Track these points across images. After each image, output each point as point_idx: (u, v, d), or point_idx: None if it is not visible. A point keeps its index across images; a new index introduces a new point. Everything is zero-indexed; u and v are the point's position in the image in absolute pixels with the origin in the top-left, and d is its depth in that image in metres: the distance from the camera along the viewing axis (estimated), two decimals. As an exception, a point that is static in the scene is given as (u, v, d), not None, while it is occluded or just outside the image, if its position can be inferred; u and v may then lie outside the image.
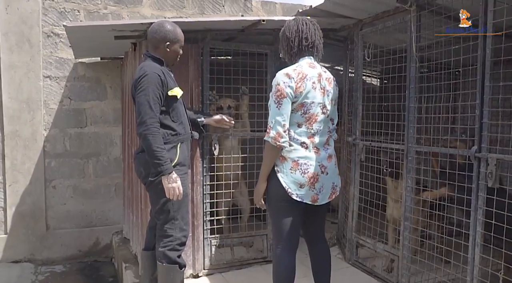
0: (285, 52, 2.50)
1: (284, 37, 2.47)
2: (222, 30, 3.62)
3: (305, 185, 2.36)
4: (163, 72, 2.65)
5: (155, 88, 2.55)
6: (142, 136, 2.53)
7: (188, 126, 2.85)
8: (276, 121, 2.30)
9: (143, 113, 2.51)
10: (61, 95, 4.80)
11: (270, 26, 3.63)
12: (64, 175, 4.87)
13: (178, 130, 2.71)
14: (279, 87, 2.32)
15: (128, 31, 3.33)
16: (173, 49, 2.73)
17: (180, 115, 2.76)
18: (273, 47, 3.79)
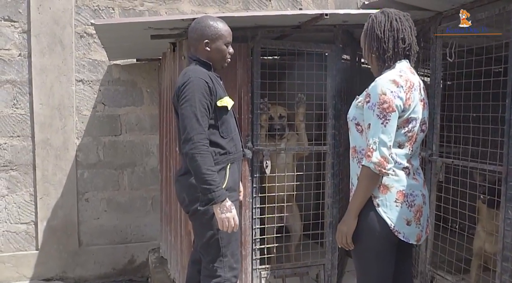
0: (375, 55, 1.99)
1: (374, 36, 1.97)
2: (275, 27, 3.10)
3: (412, 221, 1.94)
4: (211, 78, 2.24)
5: (202, 98, 2.14)
6: (189, 156, 2.10)
7: (239, 143, 2.40)
8: (380, 141, 1.82)
9: (189, 128, 2.10)
10: (94, 100, 4.44)
11: (332, 22, 3.08)
12: (97, 187, 4.52)
13: (228, 148, 2.28)
14: (385, 97, 1.82)
15: (167, 29, 2.86)
16: (216, 48, 2.29)
17: (231, 129, 2.31)
18: (334, 46, 3.24)
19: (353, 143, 2.02)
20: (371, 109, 1.85)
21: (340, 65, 3.27)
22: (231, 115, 2.34)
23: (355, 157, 2.00)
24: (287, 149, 3.19)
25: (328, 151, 3.29)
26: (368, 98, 1.89)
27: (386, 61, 1.95)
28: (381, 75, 1.95)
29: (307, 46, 3.19)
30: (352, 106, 2.03)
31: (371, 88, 1.89)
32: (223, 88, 2.33)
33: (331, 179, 3.31)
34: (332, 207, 3.33)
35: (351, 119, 2.01)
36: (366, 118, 1.89)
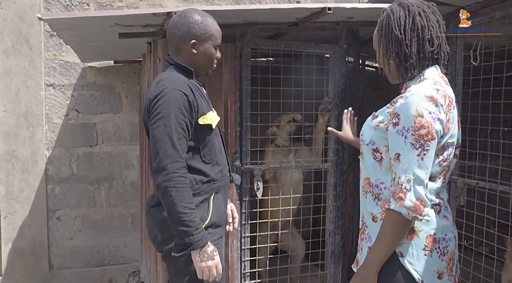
0: (394, 62, 1.52)
1: (391, 37, 1.50)
2: (268, 24, 2.64)
3: (444, 273, 1.51)
4: (192, 88, 1.77)
5: (180, 115, 1.69)
6: (161, 190, 1.67)
7: (226, 167, 1.97)
8: (416, 179, 1.39)
9: (162, 155, 1.67)
10: (66, 107, 3.97)
11: (335, 18, 2.62)
12: (70, 204, 4.05)
13: (212, 175, 1.84)
14: (423, 121, 1.38)
15: (139, 26, 2.39)
16: (204, 51, 1.82)
17: (216, 152, 1.88)
18: (337, 47, 2.79)
19: (367, 174, 1.57)
20: (402, 134, 1.41)
21: (344, 68, 2.81)
22: (216, 133, 1.91)
23: (369, 192, 1.56)
24: (283, 168, 2.73)
25: (329, 169, 2.83)
26: (396, 119, 1.43)
27: (409, 69, 1.50)
28: (408, 87, 1.50)
29: (306, 46, 2.73)
30: (367, 125, 1.58)
31: (400, 106, 1.43)
32: (207, 100, 1.89)
33: (333, 201, 2.85)
34: (334, 233, 2.87)
35: (367, 142, 1.55)
36: (393, 145, 1.44)
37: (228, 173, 1.98)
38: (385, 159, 1.49)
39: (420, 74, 1.51)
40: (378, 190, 1.52)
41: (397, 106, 1.44)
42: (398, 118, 1.42)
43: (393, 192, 1.40)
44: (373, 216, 1.53)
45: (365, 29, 3.06)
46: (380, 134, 1.50)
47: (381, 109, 1.56)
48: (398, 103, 1.45)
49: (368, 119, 1.61)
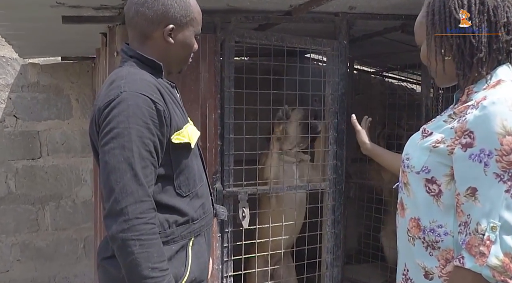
0: (452, 56, 1.13)
1: (451, 23, 1.12)
2: (255, 12, 2.14)
3: None
4: (162, 92, 1.26)
5: (145, 131, 1.18)
6: (117, 243, 1.15)
7: (209, 199, 1.45)
8: (505, 226, 0.99)
9: (119, 192, 1.14)
10: (2, 112, 3.35)
11: (335, 8, 2.17)
12: (6, 228, 3.41)
13: (190, 213, 1.32)
14: (510, 140, 0.99)
15: (90, 8, 1.82)
16: (183, 40, 1.33)
17: (195, 180, 1.35)
18: (336, 43, 2.32)
19: (415, 213, 1.16)
20: (479, 160, 1.01)
21: (344, 69, 2.35)
22: (196, 154, 1.40)
23: (419, 238, 1.15)
24: (272, 190, 2.22)
25: (327, 190, 2.35)
26: (468, 138, 1.03)
27: (476, 67, 1.11)
28: (473, 92, 1.11)
29: (301, 41, 2.24)
30: (415, 145, 1.18)
31: (475, 119, 1.03)
32: (182, 108, 1.37)
33: (332, 228, 2.37)
34: (332, 266, 2.40)
35: (417, 170, 1.14)
36: (465, 175, 1.04)
37: (211, 207, 1.47)
38: (445, 193, 1.09)
39: (490, 75, 1.10)
40: (434, 236, 1.11)
41: (469, 120, 1.03)
42: (471, 137, 1.02)
43: (467, 243, 1.01)
44: (426, 272, 1.14)
45: (360, 24, 2.63)
46: (438, 158, 1.10)
47: (435, 122, 1.17)
48: (469, 115, 1.03)
49: (415, 137, 1.21)
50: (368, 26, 2.73)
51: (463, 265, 1.00)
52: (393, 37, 2.98)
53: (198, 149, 1.42)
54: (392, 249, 3.35)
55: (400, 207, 1.22)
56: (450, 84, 1.21)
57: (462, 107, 1.08)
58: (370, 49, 3.41)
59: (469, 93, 1.11)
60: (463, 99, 1.12)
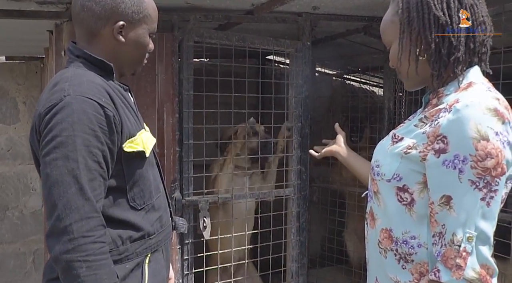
0: (428, 55, 1.06)
1: (430, 20, 1.04)
2: (216, 11, 2.03)
3: None
4: (112, 96, 1.14)
5: (92, 140, 1.06)
6: (61, 265, 1.02)
7: (167, 211, 1.34)
8: (481, 235, 0.95)
9: (62, 208, 1.01)
10: None
11: (298, 8, 2.10)
12: None
13: (145, 227, 1.21)
14: (489, 146, 0.93)
15: (33, 1, 1.65)
16: (136, 39, 1.21)
17: (151, 191, 1.24)
18: (300, 44, 2.25)
19: (386, 223, 1.09)
20: (453, 167, 0.95)
21: (308, 71, 2.28)
22: (151, 163, 1.28)
23: (391, 250, 1.07)
24: (235, 197, 2.11)
25: (291, 196, 2.27)
26: (441, 143, 0.97)
27: (452, 67, 1.04)
28: (444, 95, 1.05)
29: (263, 42, 2.16)
30: (385, 152, 1.10)
31: (448, 124, 0.96)
32: (136, 113, 1.26)
33: (296, 235, 2.29)
34: (297, 274, 2.32)
35: (388, 177, 1.06)
36: (438, 183, 0.98)
37: (170, 219, 1.36)
38: (418, 202, 1.02)
39: (462, 76, 1.04)
40: (407, 248, 1.04)
41: (442, 124, 0.96)
42: (444, 143, 0.95)
43: (443, 255, 0.95)
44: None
45: (323, 25, 2.59)
46: (410, 165, 1.02)
47: (405, 126, 1.11)
48: (442, 119, 0.97)
49: (384, 142, 1.14)
50: (331, 27, 2.68)
51: (439, 279, 0.94)
52: (355, 39, 2.95)
53: (154, 157, 1.31)
54: (355, 252, 3.34)
55: (370, 217, 1.14)
56: (420, 87, 1.15)
57: (434, 111, 1.02)
58: (332, 51, 3.38)
59: (440, 96, 1.05)
60: (434, 102, 1.06)
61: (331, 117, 4.15)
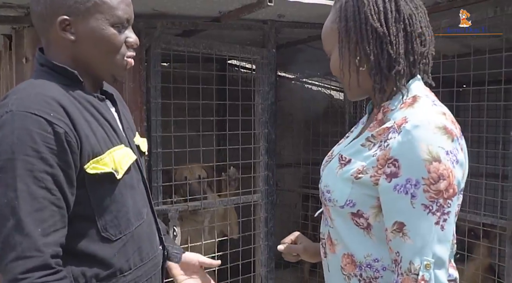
0: (368, 67, 0.99)
1: (367, 31, 0.98)
2: (182, 18, 2.02)
3: None
4: (68, 109, 0.96)
5: (36, 164, 0.90)
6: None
7: (152, 240, 1.15)
8: (438, 261, 0.90)
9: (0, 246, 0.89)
10: None
11: (264, 16, 2.13)
12: None
13: (117, 263, 1.03)
14: (441, 167, 0.89)
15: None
16: (89, 34, 1.01)
17: (129, 219, 1.06)
18: (265, 51, 2.28)
19: (347, 248, 1.02)
20: (405, 192, 0.90)
21: (273, 77, 2.31)
22: (131, 186, 1.08)
23: (354, 276, 1.01)
24: (204, 205, 2.10)
25: (259, 202, 2.29)
26: (392, 166, 0.92)
27: (395, 80, 0.98)
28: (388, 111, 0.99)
29: (230, 49, 2.16)
30: (334, 176, 1.03)
31: (399, 146, 0.91)
32: (113, 126, 1.07)
33: (265, 240, 2.31)
34: (266, 279, 2.34)
35: (340, 204, 1.00)
36: (391, 209, 0.93)
37: (160, 248, 1.18)
38: (374, 226, 0.98)
39: (404, 90, 0.99)
40: (372, 271, 0.99)
41: (392, 147, 0.92)
42: (396, 166, 0.91)
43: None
44: None
45: (286, 32, 2.63)
46: (363, 190, 0.97)
47: (351, 146, 1.04)
48: (391, 140, 0.92)
49: (332, 165, 1.05)
50: (293, 34, 2.73)
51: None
52: (315, 45, 3.03)
53: (141, 176, 1.14)
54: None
55: (328, 241, 1.07)
56: (363, 97, 1.11)
57: (381, 130, 0.97)
58: (293, 56, 3.44)
59: (385, 110, 1.00)
60: (379, 118, 1.01)
61: (292, 120, 4.24)
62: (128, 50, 1.06)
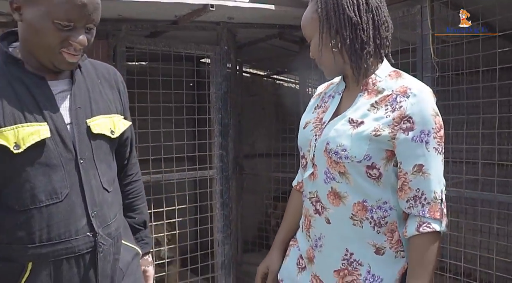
0: (347, 50, 1.21)
1: (344, 20, 1.20)
2: (144, 21, 2.42)
3: None
4: None
5: None
6: None
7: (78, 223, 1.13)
8: (443, 188, 1.18)
9: None
10: None
11: (216, 18, 2.52)
12: None
13: (18, 234, 1.09)
14: (440, 120, 1.18)
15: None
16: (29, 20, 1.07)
17: (35, 195, 1.08)
18: (218, 48, 2.68)
19: (359, 197, 1.19)
20: (421, 140, 1.14)
21: (225, 71, 2.71)
22: (44, 163, 1.08)
23: (366, 219, 1.19)
24: (164, 178, 2.50)
25: (215, 176, 2.70)
26: (408, 123, 1.14)
27: (366, 59, 1.20)
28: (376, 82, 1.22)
29: (186, 47, 2.56)
30: (347, 136, 1.18)
31: (412, 106, 1.14)
32: (39, 103, 1.09)
33: (221, 210, 2.72)
34: (223, 243, 2.74)
35: (359, 159, 1.16)
36: (410, 156, 1.15)
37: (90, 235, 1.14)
38: (384, 174, 1.17)
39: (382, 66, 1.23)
40: (382, 212, 1.19)
41: (406, 107, 1.13)
42: (410, 122, 1.13)
43: (429, 211, 1.13)
44: (377, 248, 1.19)
45: (243, 32, 3.03)
46: (379, 145, 1.15)
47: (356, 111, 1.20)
48: (404, 103, 1.14)
49: (340, 128, 1.19)
50: (251, 33, 3.12)
51: (435, 229, 1.11)
52: (275, 43, 3.41)
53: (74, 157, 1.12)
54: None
55: (330, 197, 1.20)
56: (337, 75, 1.28)
57: (383, 97, 1.17)
58: (257, 53, 3.83)
59: (373, 82, 1.20)
60: (370, 88, 1.20)
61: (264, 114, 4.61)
62: (67, 47, 1.08)
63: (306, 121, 1.31)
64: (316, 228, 1.24)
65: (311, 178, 1.24)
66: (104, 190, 1.18)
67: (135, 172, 1.44)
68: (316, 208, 1.23)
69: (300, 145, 1.30)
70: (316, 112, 1.30)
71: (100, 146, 1.18)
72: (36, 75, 1.10)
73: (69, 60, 1.09)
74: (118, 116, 1.24)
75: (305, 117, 1.33)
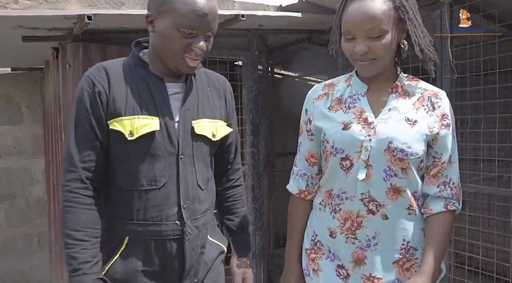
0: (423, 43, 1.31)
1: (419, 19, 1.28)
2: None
3: None
4: (110, 75, 1.25)
5: (82, 109, 1.25)
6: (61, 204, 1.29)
7: (170, 211, 1.27)
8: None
9: (64, 159, 1.28)
10: (-44, 120, 3.57)
11: (247, 25, 2.73)
12: (-37, 227, 3.62)
13: (122, 210, 1.27)
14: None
15: (44, 29, 2.26)
16: (160, 31, 1.23)
17: (138, 179, 1.25)
18: (249, 54, 2.88)
19: (413, 189, 1.31)
20: (453, 135, 1.33)
21: (256, 74, 2.91)
22: (150, 154, 1.24)
23: (416, 207, 1.32)
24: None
25: (247, 172, 2.90)
26: (446, 120, 1.30)
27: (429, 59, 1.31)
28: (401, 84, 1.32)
29: (220, 53, 2.78)
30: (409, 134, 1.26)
31: (445, 106, 1.31)
32: (157, 101, 1.26)
33: (252, 203, 2.92)
34: (254, 235, 2.94)
35: (419, 155, 1.26)
36: (447, 148, 1.30)
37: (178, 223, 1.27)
38: (423, 167, 1.34)
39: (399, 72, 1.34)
40: (421, 199, 1.34)
41: (444, 107, 1.30)
42: (447, 119, 1.30)
43: (455, 194, 1.32)
44: (423, 231, 1.34)
45: (273, 37, 3.21)
46: (427, 140, 1.29)
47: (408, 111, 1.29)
48: (440, 103, 1.30)
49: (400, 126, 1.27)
50: (281, 38, 3.30)
51: (458, 208, 1.31)
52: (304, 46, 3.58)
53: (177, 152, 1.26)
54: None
55: (391, 192, 1.26)
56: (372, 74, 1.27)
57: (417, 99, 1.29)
58: (288, 56, 4.00)
59: (401, 85, 1.30)
60: (400, 90, 1.30)
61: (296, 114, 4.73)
62: (189, 53, 1.22)
63: (343, 121, 1.29)
64: (369, 228, 1.27)
65: (364, 179, 1.25)
66: (198, 187, 1.31)
67: (236, 177, 1.54)
68: (369, 208, 1.26)
69: (342, 147, 1.28)
70: (347, 113, 1.30)
71: (200, 146, 1.31)
72: (157, 76, 1.27)
73: (190, 64, 1.24)
74: (221, 122, 1.37)
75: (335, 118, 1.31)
